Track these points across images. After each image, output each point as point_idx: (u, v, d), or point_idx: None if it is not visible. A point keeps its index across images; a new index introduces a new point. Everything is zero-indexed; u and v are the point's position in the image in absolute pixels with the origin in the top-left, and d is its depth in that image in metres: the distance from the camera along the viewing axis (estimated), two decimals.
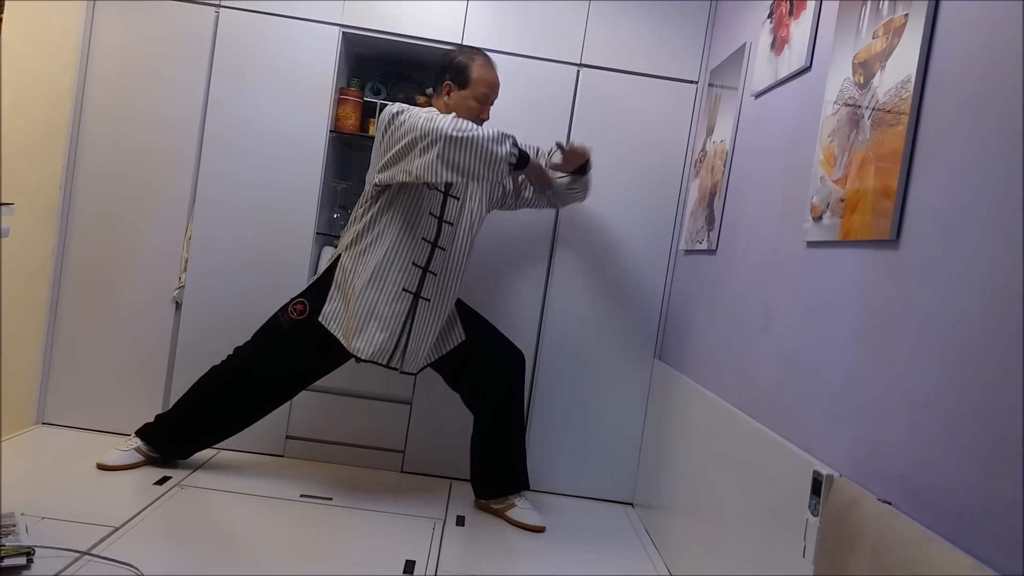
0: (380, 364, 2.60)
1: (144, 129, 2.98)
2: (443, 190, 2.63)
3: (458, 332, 2.77)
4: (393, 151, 2.48)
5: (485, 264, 3.07)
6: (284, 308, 2.68)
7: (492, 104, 2.71)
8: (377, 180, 2.55)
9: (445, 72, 2.65)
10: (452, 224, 2.65)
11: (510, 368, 2.80)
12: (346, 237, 2.67)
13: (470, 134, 2.37)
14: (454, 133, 2.35)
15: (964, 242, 1.24)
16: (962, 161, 1.28)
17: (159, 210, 3.00)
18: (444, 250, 2.64)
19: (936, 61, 1.41)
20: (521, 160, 2.47)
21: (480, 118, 2.65)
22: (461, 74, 2.63)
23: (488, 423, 2.80)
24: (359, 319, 2.55)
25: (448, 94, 2.64)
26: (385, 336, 2.57)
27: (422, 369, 2.73)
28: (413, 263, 2.59)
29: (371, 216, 2.59)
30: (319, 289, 2.66)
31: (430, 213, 2.61)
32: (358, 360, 2.60)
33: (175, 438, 2.72)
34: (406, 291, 2.59)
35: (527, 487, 2.85)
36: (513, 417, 2.80)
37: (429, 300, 2.63)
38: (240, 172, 2.99)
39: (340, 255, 2.65)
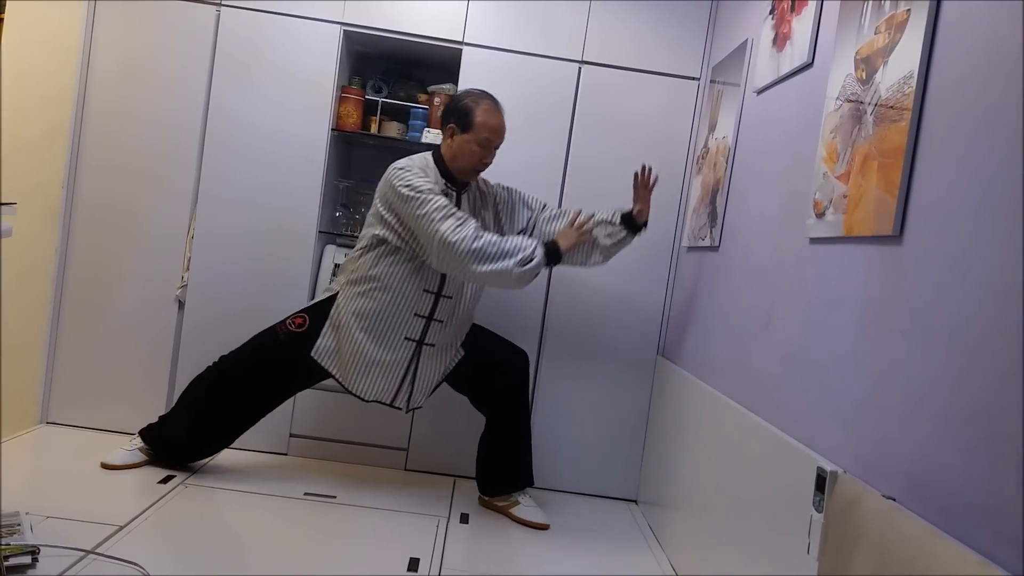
0: (384, 404, 2.66)
1: (146, 128, 2.98)
2: None
3: (455, 350, 2.74)
4: (399, 224, 2.50)
5: None
6: (282, 321, 2.68)
7: (496, 148, 2.63)
8: (380, 234, 2.55)
9: (449, 115, 2.59)
10: None
11: (513, 368, 2.79)
12: (344, 274, 2.67)
13: (491, 269, 2.37)
14: (475, 268, 2.37)
15: (967, 238, 1.24)
16: (965, 156, 1.27)
17: (161, 209, 3.00)
18: (450, 298, 2.62)
19: (939, 56, 1.40)
20: (552, 259, 2.48)
21: (483, 162, 2.60)
22: (465, 118, 2.56)
23: (497, 422, 2.80)
24: (361, 364, 2.58)
25: (452, 137, 2.58)
26: (387, 381, 2.61)
27: (421, 405, 2.75)
28: (415, 314, 2.58)
29: (371, 260, 2.58)
30: (318, 312, 2.65)
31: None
32: (362, 400, 2.64)
33: (173, 447, 2.71)
34: (408, 339, 2.60)
35: (531, 484, 2.85)
36: (519, 415, 2.80)
37: (434, 345, 2.64)
38: (242, 171, 2.99)
39: (337, 292, 2.65)
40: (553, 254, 2.48)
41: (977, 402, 1.16)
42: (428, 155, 2.63)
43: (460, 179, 2.62)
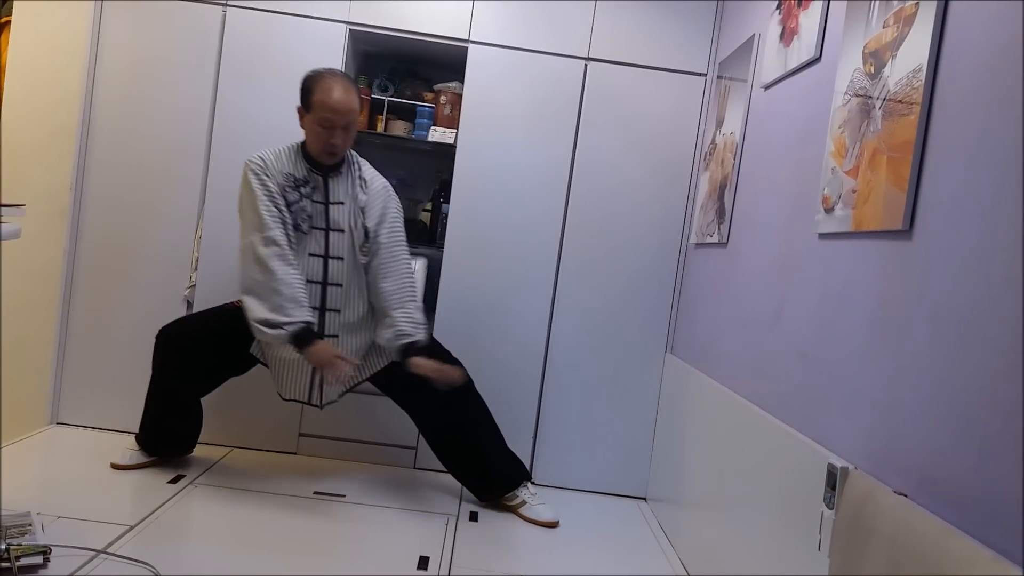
0: (303, 403, 2.66)
1: (153, 129, 2.99)
2: (323, 227, 2.55)
3: (386, 354, 2.67)
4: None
5: (494, 260, 3.06)
6: (230, 301, 2.67)
7: (346, 129, 2.47)
8: None
9: (300, 96, 2.52)
10: (341, 259, 2.57)
11: (452, 394, 2.68)
12: None
13: (247, 301, 2.40)
14: (243, 292, 2.42)
15: (978, 232, 1.23)
16: (975, 150, 1.27)
17: (169, 209, 3.01)
18: (340, 286, 2.58)
19: (948, 49, 1.39)
20: (299, 344, 2.40)
21: (330, 143, 2.47)
22: (307, 97, 2.48)
23: (437, 435, 2.77)
24: (275, 363, 2.62)
25: (302, 119, 2.52)
26: (300, 377, 2.62)
27: (335, 400, 2.71)
28: (313, 307, 2.54)
29: None
30: None
31: (310, 255, 2.55)
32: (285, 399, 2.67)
33: (151, 439, 2.72)
34: None
35: (526, 478, 2.82)
36: (469, 420, 2.75)
37: (337, 336, 2.60)
38: None
39: None
40: (301, 342, 2.39)
41: (989, 397, 1.15)
42: (296, 143, 2.58)
43: (322, 163, 2.54)
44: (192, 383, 2.70)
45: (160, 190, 3.00)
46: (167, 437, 2.75)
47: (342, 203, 2.57)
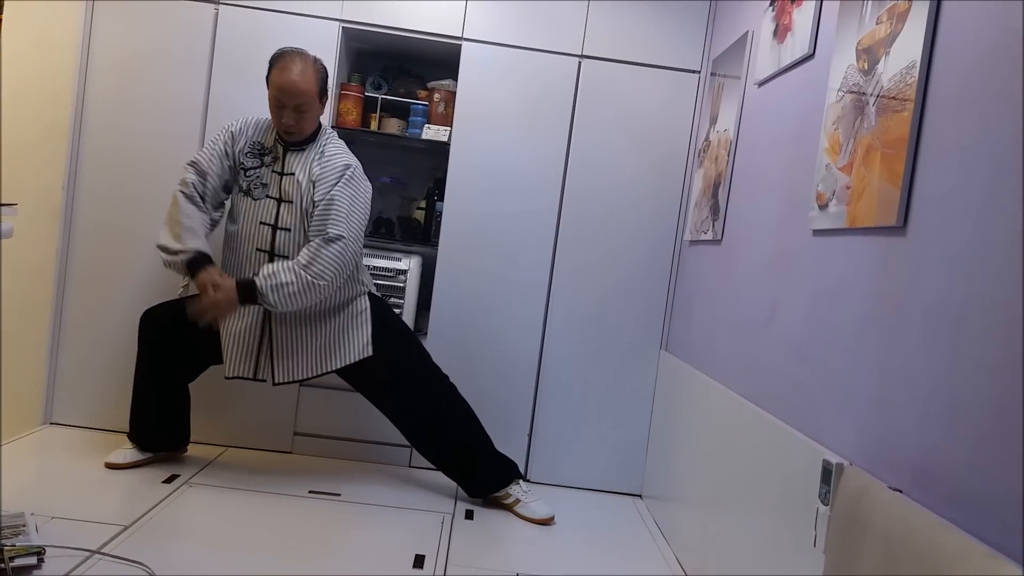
0: (247, 379, 2.62)
1: (146, 128, 2.97)
2: (276, 196, 2.56)
3: (361, 346, 2.64)
4: None
5: (489, 258, 3.06)
6: None
7: (297, 110, 2.49)
8: None
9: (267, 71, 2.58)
10: (289, 230, 2.56)
11: (430, 399, 2.73)
12: None
13: (160, 231, 2.53)
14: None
15: (972, 227, 1.23)
16: (969, 146, 1.27)
17: (162, 208, 2.96)
18: (286, 257, 2.55)
19: (941, 46, 1.39)
20: (191, 269, 2.46)
21: (282, 123, 2.51)
22: (268, 75, 2.54)
23: (425, 440, 2.77)
24: (224, 338, 2.60)
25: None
26: (244, 353, 2.59)
27: (314, 377, 2.64)
28: (257, 249, 2.58)
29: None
30: None
31: (260, 223, 2.58)
32: (227, 377, 2.63)
33: (143, 433, 2.71)
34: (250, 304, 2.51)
35: (517, 476, 2.82)
36: (451, 421, 2.75)
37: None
38: None
39: None
40: (194, 268, 2.44)
41: (983, 393, 1.15)
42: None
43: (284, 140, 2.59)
44: (173, 364, 2.69)
45: (153, 188, 2.99)
46: (156, 427, 2.73)
47: (292, 174, 2.56)
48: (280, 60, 2.51)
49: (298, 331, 2.59)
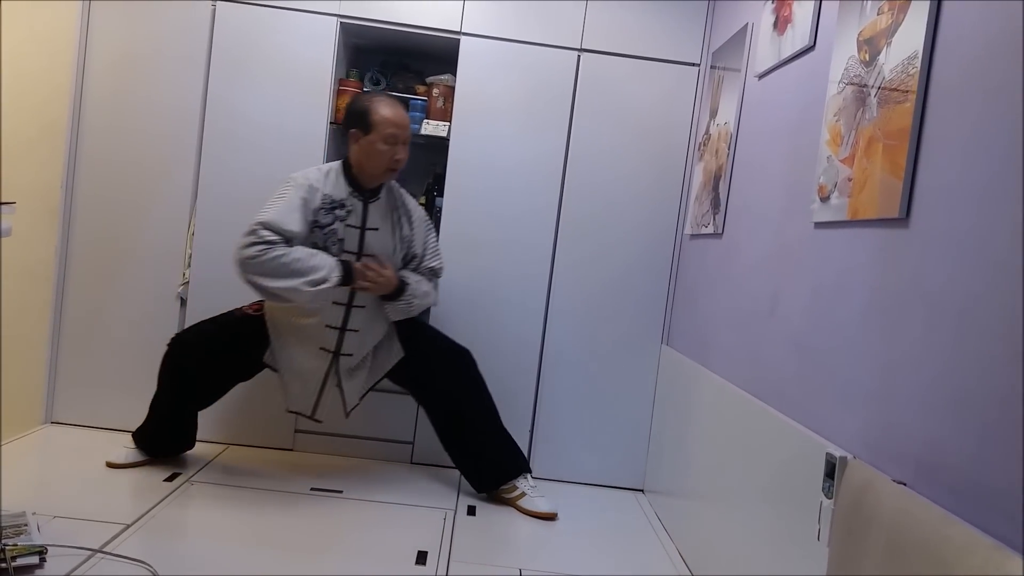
0: (305, 416, 2.69)
1: (144, 125, 2.97)
2: (356, 251, 2.56)
3: (396, 350, 2.74)
4: None
5: (489, 253, 3.05)
6: (239, 308, 2.70)
7: (405, 143, 2.55)
8: None
9: (350, 120, 2.56)
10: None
11: (454, 367, 2.76)
12: None
13: (281, 285, 2.36)
14: (263, 282, 2.37)
15: (975, 219, 1.22)
16: (972, 137, 1.26)
17: (161, 206, 2.99)
18: (363, 307, 2.60)
19: (943, 36, 1.39)
20: (346, 278, 2.47)
21: (395, 160, 2.53)
22: (364, 119, 2.51)
23: (446, 422, 2.79)
24: (284, 372, 2.63)
25: (357, 142, 2.53)
26: (305, 393, 2.64)
27: (357, 404, 2.75)
28: (327, 326, 2.57)
29: None
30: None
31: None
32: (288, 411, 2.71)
33: (150, 442, 2.71)
34: (324, 350, 2.60)
35: (526, 469, 2.83)
36: (475, 408, 2.77)
37: (351, 355, 2.63)
38: (241, 166, 2.98)
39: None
40: (348, 275, 2.47)
41: (986, 385, 1.15)
42: (336, 164, 2.60)
43: (368, 186, 2.58)
44: (203, 393, 2.73)
45: (152, 187, 2.98)
46: (169, 440, 2.75)
47: (377, 229, 2.59)
48: (376, 101, 2.54)
49: (357, 371, 2.70)
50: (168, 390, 2.67)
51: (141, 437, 2.72)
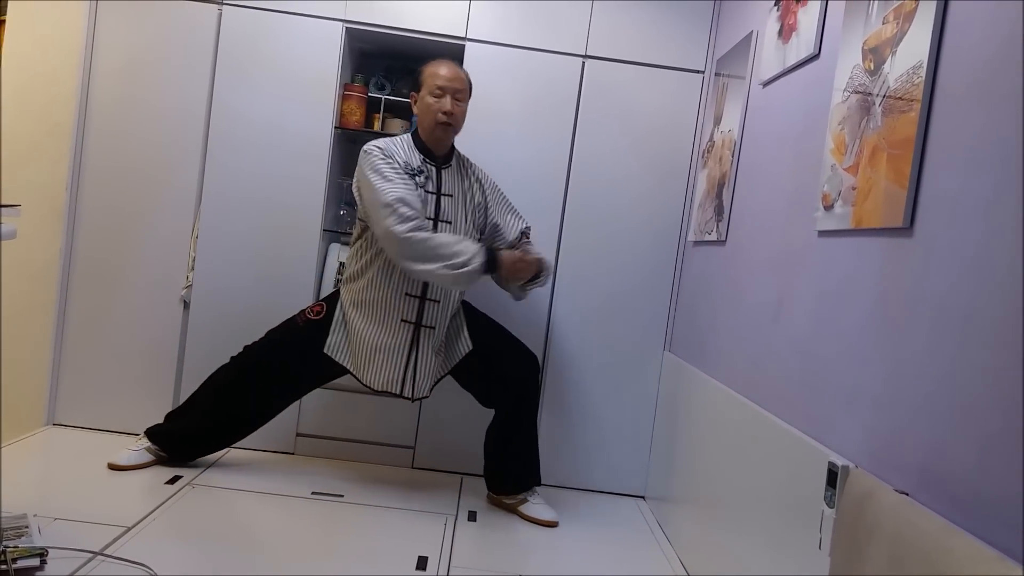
0: (393, 394, 2.62)
1: (149, 128, 2.97)
2: (432, 217, 2.59)
3: (464, 342, 2.72)
4: (360, 203, 2.56)
5: None
6: (301, 311, 2.71)
7: (455, 96, 2.59)
8: (363, 220, 2.60)
9: (411, 89, 2.71)
10: None
11: (521, 369, 2.76)
12: (347, 269, 2.69)
13: (424, 268, 2.41)
14: (410, 265, 2.42)
15: (979, 228, 1.22)
16: (977, 146, 1.26)
17: (165, 209, 3.00)
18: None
19: (948, 45, 1.38)
20: (489, 267, 2.50)
21: (443, 111, 2.57)
22: (417, 80, 2.66)
23: (504, 422, 2.79)
24: (366, 353, 2.59)
25: (415, 104, 2.66)
26: (391, 368, 2.59)
27: (433, 387, 2.71)
28: (407, 293, 2.58)
29: (361, 248, 2.62)
30: (333, 301, 2.69)
31: None
32: (373, 391, 2.64)
33: (184, 440, 2.72)
34: (405, 321, 2.59)
35: (540, 483, 2.84)
36: (527, 416, 2.78)
37: (433, 328, 2.62)
38: (246, 169, 2.98)
39: (340, 288, 2.69)
40: (491, 263, 2.49)
41: (990, 394, 1.14)
42: (406, 135, 2.68)
43: (437, 152, 2.64)
44: (251, 421, 2.76)
45: (156, 189, 2.99)
46: (200, 447, 2.77)
47: (451, 195, 2.63)
48: (431, 63, 2.65)
49: (440, 350, 2.67)
50: (220, 405, 2.69)
51: (166, 437, 2.71)
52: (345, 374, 2.70)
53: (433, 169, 2.62)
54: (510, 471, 2.80)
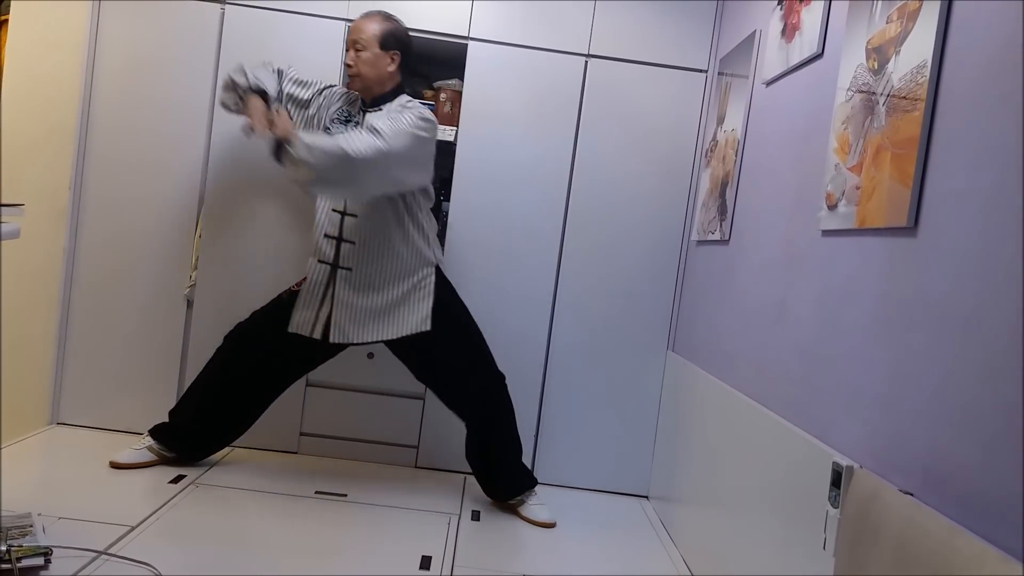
0: (306, 336, 2.61)
1: (152, 127, 2.97)
2: None
3: (420, 319, 2.62)
4: None
5: (495, 258, 3.05)
6: (289, 287, 2.75)
7: (355, 47, 2.59)
8: None
9: None
10: None
11: (483, 392, 2.74)
12: None
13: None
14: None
15: (983, 228, 1.22)
16: (981, 146, 1.26)
17: (169, 208, 3.00)
18: (355, 216, 2.59)
19: (952, 45, 1.38)
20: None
21: (347, 64, 2.63)
22: None
23: (478, 435, 2.77)
24: (298, 300, 2.65)
25: None
26: (306, 309, 2.62)
27: (365, 344, 2.64)
28: (326, 235, 2.62)
29: None
30: None
31: None
32: (289, 332, 2.63)
33: (188, 433, 2.72)
34: (322, 262, 2.61)
35: (534, 484, 2.82)
36: (498, 426, 2.76)
37: (350, 269, 2.59)
38: (248, 169, 2.98)
39: None
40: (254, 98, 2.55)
41: (994, 394, 1.14)
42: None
43: (366, 98, 2.68)
44: (263, 380, 2.73)
45: (159, 188, 2.99)
46: (199, 440, 2.75)
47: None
48: None
49: (360, 293, 2.60)
50: (215, 378, 2.69)
51: (169, 434, 2.71)
52: (326, 359, 2.77)
53: (361, 114, 2.67)
54: (499, 480, 2.79)
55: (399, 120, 2.47)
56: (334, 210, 2.61)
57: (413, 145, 2.47)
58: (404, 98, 2.67)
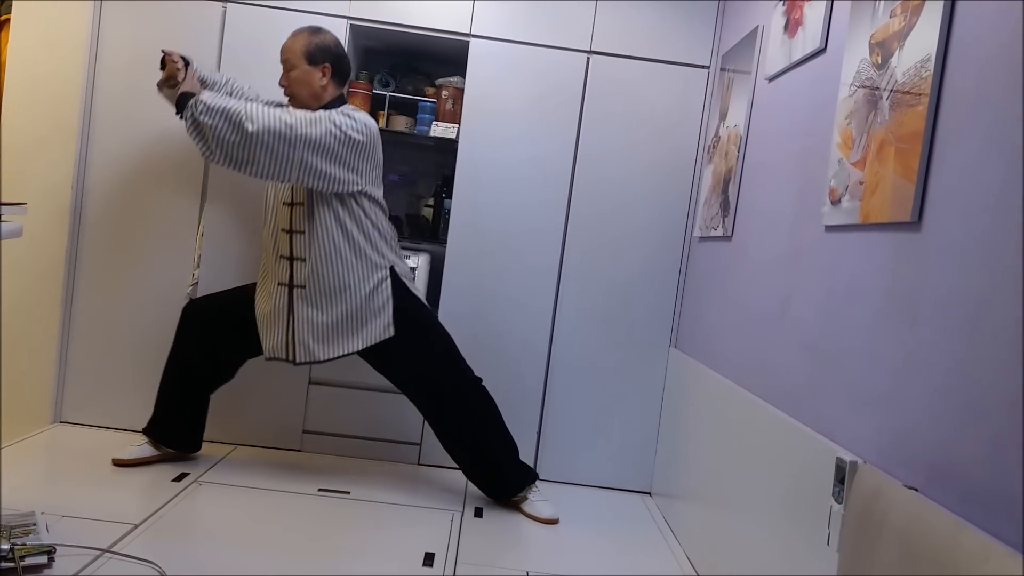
0: (283, 360, 2.63)
1: (154, 127, 2.97)
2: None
3: (383, 326, 2.62)
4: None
5: (497, 255, 3.05)
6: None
7: (285, 66, 2.60)
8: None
9: None
10: (302, 205, 2.57)
11: (457, 395, 2.71)
12: None
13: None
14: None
15: (987, 223, 1.21)
16: (984, 140, 1.25)
17: (171, 206, 3.00)
18: (302, 233, 2.57)
19: (956, 39, 1.38)
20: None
21: (281, 85, 2.62)
22: None
23: (465, 440, 2.75)
24: (261, 324, 2.64)
25: None
26: (277, 334, 2.61)
27: (332, 360, 2.62)
28: (280, 256, 2.61)
29: None
30: None
31: (283, 203, 2.62)
32: (267, 359, 2.67)
33: (172, 428, 2.73)
34: (281, 284, 2.60)
35: (535, 479, 2.81)
36: (481, 428, 2.73)
37: (304, 286, 2.57)
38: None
39: None
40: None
41: (998, 390, 1.14)
42: None
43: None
44: (211, 357, 2.73)
45: (162, 187, 2.99)
46: (177, 421, 2.74)
47: None
48: None
49: (318, 309, 2.58)
50: (175, 356, 2.71)
51: (151, 424, 2.73)
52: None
53: None
54: (496, 479, 2.78)
55: (325, 114, 2.49)
56: (283, 230, 2.60)
57: (329, 136, 2.46)
58: (348, 107, 2.63)
